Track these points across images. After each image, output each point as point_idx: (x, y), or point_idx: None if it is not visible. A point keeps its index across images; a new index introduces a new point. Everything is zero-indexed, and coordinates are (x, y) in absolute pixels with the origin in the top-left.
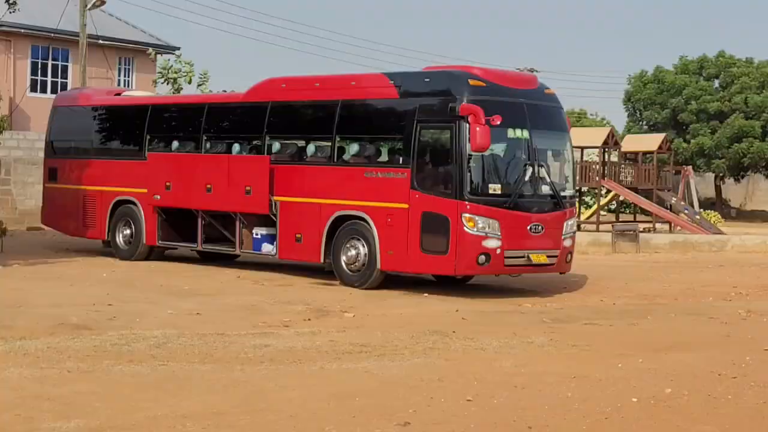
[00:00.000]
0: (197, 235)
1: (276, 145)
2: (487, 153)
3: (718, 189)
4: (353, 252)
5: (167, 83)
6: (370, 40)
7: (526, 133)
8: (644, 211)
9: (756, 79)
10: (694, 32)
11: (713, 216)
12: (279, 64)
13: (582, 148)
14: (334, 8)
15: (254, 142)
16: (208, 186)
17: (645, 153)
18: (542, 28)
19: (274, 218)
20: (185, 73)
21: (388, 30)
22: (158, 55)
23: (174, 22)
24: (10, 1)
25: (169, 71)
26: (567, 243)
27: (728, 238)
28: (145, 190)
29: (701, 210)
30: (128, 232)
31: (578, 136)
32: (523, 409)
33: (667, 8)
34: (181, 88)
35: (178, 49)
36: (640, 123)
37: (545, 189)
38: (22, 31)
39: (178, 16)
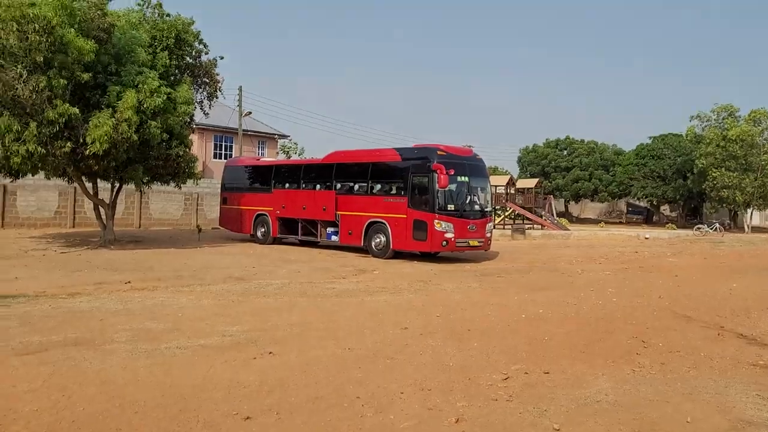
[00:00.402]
0: (298, 231)
1: (338, 185)
2: (447, 189)
3: (565, 206)
4: (378, 240)
5: (284, 154)
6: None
7: (466, 179)
8: (528, 218)
9: (585, 149)
10: (553, 123)
11: (563, 221)
12: (339, 142)
13: (495, 186)
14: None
15: (327, 183)
16: (304, 206)
17: (528, 188)
18: (474, 121)
19: (337, 222)
20: (293, 149)
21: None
22: (279, 139)
23: (287, 121)
24: (205, 112)
25: (285, 148)
26: (488, 235)
27: (571, 232)
28: (272, 208)
29: (557, 218)
30: (263, 229)
31: (493, 179)
32: (466, 320)
33: (540, 108)
34: (290, 156)
35: (289, 136)
36: (526, 173)
37: (476, 207)
38: (209, 127)
39: (289, 118)
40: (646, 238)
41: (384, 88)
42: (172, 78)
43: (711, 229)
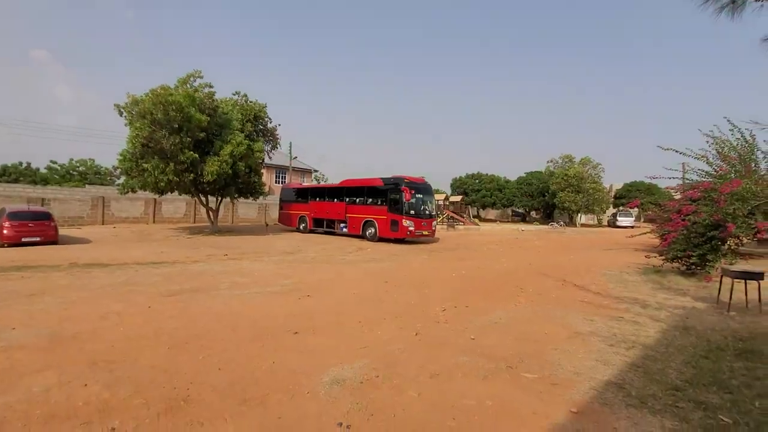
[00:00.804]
0: (324, 225)
1: (347, 199)
2: (410, 201)
3: (478, 211)
4: (370, 231)
5: (316, 180)
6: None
7: (421, 195)
8: (456, 219)
9: (488, 179)
10: (472, 161)
11: (477, 220)
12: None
13: (438, 199)
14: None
15: (340, 198)
16: (327, 211)
17: (456, 201)
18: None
19: (346, 220)
20: (321, 178)
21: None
22: (313, 172)
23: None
24: (270, 155)
25: (316, 178)
26: (433, 228)
27: (480, 227)
28: (308, 212)
29: (473, 218)
30: (303, 225)
31: (436, 196)
32: (421, 278)
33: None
34: (319, 182)
35: (318, 170)
36: (456, 192)
37: (427, 212)
38: (272, 165)
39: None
40: (522, 231)
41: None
42: (252, 137)
43: (558, 225)
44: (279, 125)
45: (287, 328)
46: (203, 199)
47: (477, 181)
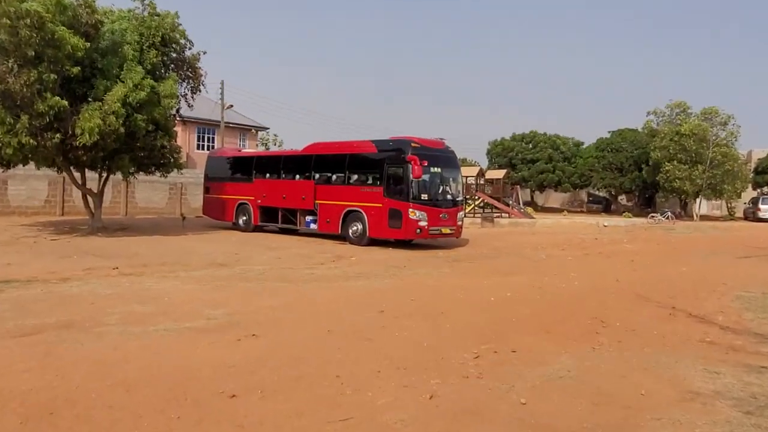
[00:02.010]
0: (278, 219)
1: (317, 175)
2: (420, 179)
3: (531, 196)
4: (355, 227)
5: (263, 145)
6: (360, 123)
7: (439, 170)
8: (496, 207)
9: (549, 143)
10: (519, 118)
11: (529, 209)
12: (317, 134)
13: (466, 176)
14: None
15: (306, 174)
16: (284, 195)
17: (496, 179)
18: (446, 117)
19: (315, 211)
20: (272, 140)
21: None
22: (258, 131)
23: (266, 113)
24: (190, 105)
25: (264, 139)
26: (459, 223)
27: (536, 220)
28: (253, 197)
29: (524, 207)
30: (245, 217)
31: (464, 171)
32: (438, 303)
33: (506, 106)
34: (269, 148)
35: (268, 128)
36: (494, 164)
37: (449, 197)
38: (192, 119)
39: (268, 111)
40: (605, 226)
41: (357, 80)
42: (157, 73)
43: (663, 217)
44: (203, 53)
45: (218, 387)
46: (77, 175)
47: (530, 145)
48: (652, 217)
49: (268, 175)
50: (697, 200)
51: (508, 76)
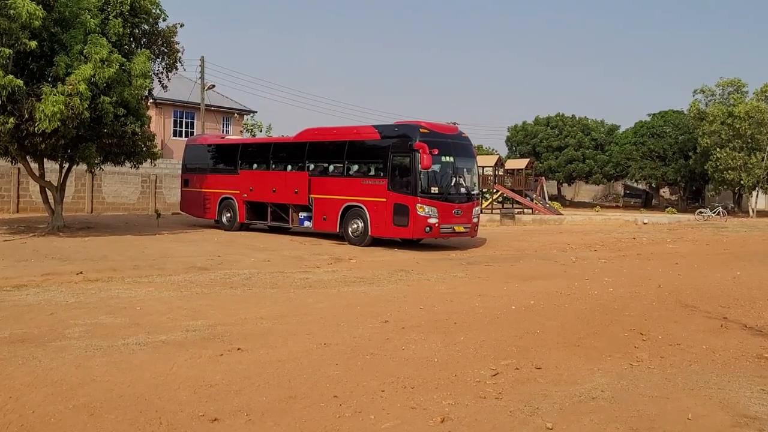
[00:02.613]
0: (267, 216)
1: (311, 166)
2: (429, 170)
3: (558, 189)
4: (355, 225)
5: (249, 132)
6: (362, 106)
7: (451, 159)
8: (517, 202)
9: (578, 127)
10: (542, 99)
11: (556, 204)
12: (311, 119)
13: (483, 167)
14: (342, 85)
15: (299, 164)
16: (273, 189)
17: (518, 169)
18: (459, 96)
19: (310, 207)
20: (259, 126)
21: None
22: (243, 116)
23: (253, 95)
24: (164, 85)
25: (250, 125)
26: (475, 220)
27: (564, 217)
28: (238, 191)
29: (549, 201)
30: (229, 215)
31: (480, 160)
32: (451, 313)
33: (528, 83)
34: (256, 134)
35: (255, 112)
36: (515, 153)
37: (462, 190)
38: (168, 102)
39: (255, 93)
40: (645, 223)
41: (361, 61)
42: (126, 48)
43: (713, 213)
44: (180, 26)
45: (197, 409)
46: (34, 166)
47: (556, 130)
48: (700, 213)
49: (255, 165)
50: (754, 193)
51: (531, 50)
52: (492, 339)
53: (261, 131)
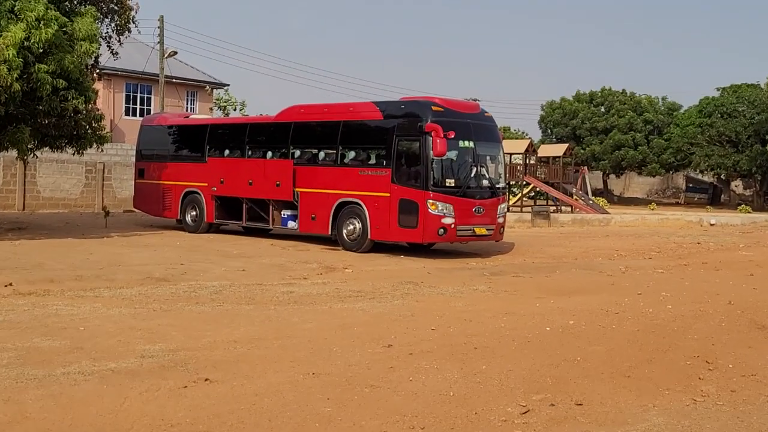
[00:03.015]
0: (242, 215)
1: (297, 152)
2: (444, 157)
3: (604, 182)
4: (351, 227)
5: (220, 110)
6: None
7: (471, 144)
8: (553, 197)
9: (628, 105)
10: (586, 71)
11: (601, 201)
12: (297, 95)
13: (510, 154)
14: (335, 54)
15: (282, 150)
16: (250, 181)
17: (554, 157)
18: (481, 68)
19: (295, 203)
20: (233, 103)
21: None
22: (213, 90)
23: (224, 65)
24: (114, 51)
25: (222, 101)
26: (500, 220)
27: (612, 216)
28: (206, 184)
29: (593, 197)
30: (194, 213)
31: (507, 145)
32: (470, 335)
33: (567, 52)
34: (229, 113)
35: (228, 85)
36: (550, 136)
37: (485, 182)
38: (119, 72)
39: (227, 62)
40: (712, 225)
41: (359, 23)
42: (67, 5)
43: None
44: None
45: None
46: None
47: (601, 108)
48: None
49: (227, 151)
50: None
51: (568, 8)
52: (521, 368)
53: (236, 110)
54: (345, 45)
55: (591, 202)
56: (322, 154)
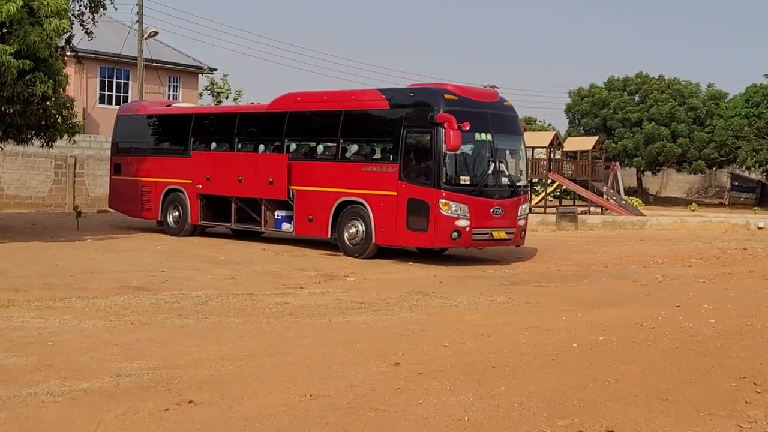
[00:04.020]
0: (231, 216)
1: (293, 146)
2: (458, 152)
3: (639, 180)
4: (354, 229)
5: (212, 96)
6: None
7: (489, 136)
8: (581, 197)
9: (667, 93)
10: (619, 55)
11: (635, 201)
12: (294, 82)
13: (533, 148)
14: (338, 38)
15: (275, 143)
16: (240, 177)
17: (582, 152)
18: (500, 52)
19: (291, 203)
20: (225, 90)
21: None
22: (200, 75)
23: (212, 48)
24: (88, 31)
25: (215, 86)
26: (521, 222)
27: (647, 218)
28: (190, 181)
29: (626, 196)
30: (177, 213)
31: (529, 138)
32: (487, 353)
33: (597, 35)
34: (221, 101)
35: (216, 70)
36: (578, 128)
37: (504, 180)
38: (92, 55)
39: (215, 44)
40: (760, 228)
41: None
42: None
43: None
44: None
45: None
46: None
47: (636, 96)
48: None
49: (214, 144)
50: None
51: None
52: (545, 390)
53: (228, 98)
54: (352, 28)
55: (624, 202)
56: (320, 148)
